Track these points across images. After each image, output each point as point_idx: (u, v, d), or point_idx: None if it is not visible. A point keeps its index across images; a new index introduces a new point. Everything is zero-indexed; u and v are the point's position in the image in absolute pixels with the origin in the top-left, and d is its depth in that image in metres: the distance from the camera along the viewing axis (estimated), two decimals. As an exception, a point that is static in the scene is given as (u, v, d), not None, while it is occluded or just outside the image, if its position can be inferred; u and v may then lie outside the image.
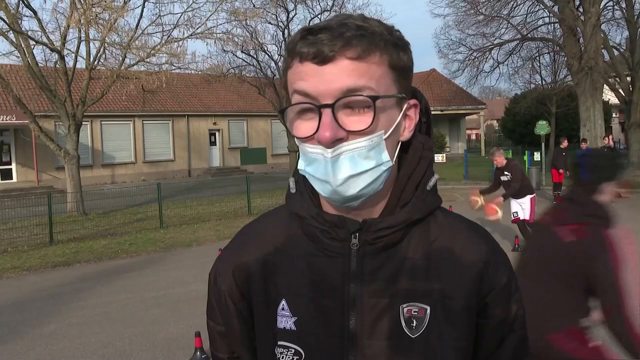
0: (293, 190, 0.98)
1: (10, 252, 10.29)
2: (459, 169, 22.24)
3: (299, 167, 0.91)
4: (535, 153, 19.43)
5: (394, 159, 0.89)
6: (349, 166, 0.83)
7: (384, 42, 0.84)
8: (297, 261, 0.95)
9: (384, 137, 0.85)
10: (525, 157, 19.87)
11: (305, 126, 0.85)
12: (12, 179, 23.65)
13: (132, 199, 16.13)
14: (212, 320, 1.07)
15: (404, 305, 0.90)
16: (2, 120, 21.49)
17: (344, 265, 0.91)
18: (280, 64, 21.38)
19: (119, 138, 26.94)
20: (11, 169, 23.82)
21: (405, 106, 0.90)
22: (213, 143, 30.85)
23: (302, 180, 0.95)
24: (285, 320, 0.94)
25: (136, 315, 6.17)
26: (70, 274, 8.49)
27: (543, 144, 18.65)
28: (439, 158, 19.61)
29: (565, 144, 15.34)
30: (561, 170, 14.76)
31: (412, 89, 0.95)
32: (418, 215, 0.92)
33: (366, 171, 0.84)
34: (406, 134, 0.92)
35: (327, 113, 0.81)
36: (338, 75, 0.81)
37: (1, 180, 23.33)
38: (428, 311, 0.90)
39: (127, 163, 27.34)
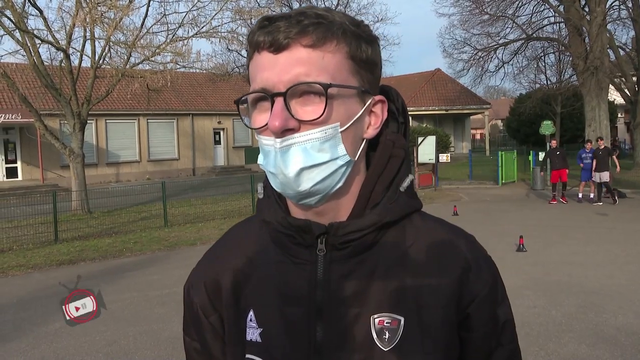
0: (261, 196, 0.93)
1: (15, 250, 10.34)
2: (464, 169, 22.22)
3: (258, 162, 0.86)
4: (540, 153, 19.39)
5: (357, 156, 0.84)
6: (301, 158, 0.78)
7: (343, 32, 0.80)
8: (265, 270, 0.90)
9: (340, 129, 0.80)
10: (530, 157, 19.82)
11: (260, 117, 0.82)
12: (17, 177, 23.75)
13: (137, 198, 16.15)
14: (187, 335, 1.01)
15: (375, 316, 0.84)
16: (8, 118, 21.58)
17: (311, 272, 0.85)
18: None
19: (123, 137, 27.02)
20: (16, 167, 23.92)
21: (369, 101, 0.85)
22: (217, 142, 30.91)
23: (270, 185, 0.88)
24: (252, 331, 0.89)
25: (140, 314, 6.19)
26: (74, 272, 8.50)
27: (548, 144, 18.59)
28: (443, 158, 19.55)
29: (554, 143, 15.59)
30: (561, 170, 14.79)
31: (385, 88, 0.91)
32: (389, 217, 0.85)
33: (320, 164, 0.79)
34: (371, 131, 0.87)
35: (279, 102, 0.78)
36: (291, 63, 0.78)
37: (6, 178, 23.44)
38: (402, 322, 0.84)
39: (131, 162, 27.41)
